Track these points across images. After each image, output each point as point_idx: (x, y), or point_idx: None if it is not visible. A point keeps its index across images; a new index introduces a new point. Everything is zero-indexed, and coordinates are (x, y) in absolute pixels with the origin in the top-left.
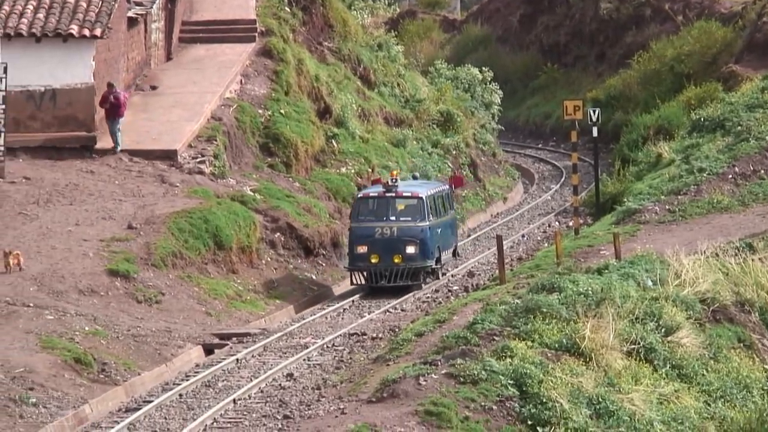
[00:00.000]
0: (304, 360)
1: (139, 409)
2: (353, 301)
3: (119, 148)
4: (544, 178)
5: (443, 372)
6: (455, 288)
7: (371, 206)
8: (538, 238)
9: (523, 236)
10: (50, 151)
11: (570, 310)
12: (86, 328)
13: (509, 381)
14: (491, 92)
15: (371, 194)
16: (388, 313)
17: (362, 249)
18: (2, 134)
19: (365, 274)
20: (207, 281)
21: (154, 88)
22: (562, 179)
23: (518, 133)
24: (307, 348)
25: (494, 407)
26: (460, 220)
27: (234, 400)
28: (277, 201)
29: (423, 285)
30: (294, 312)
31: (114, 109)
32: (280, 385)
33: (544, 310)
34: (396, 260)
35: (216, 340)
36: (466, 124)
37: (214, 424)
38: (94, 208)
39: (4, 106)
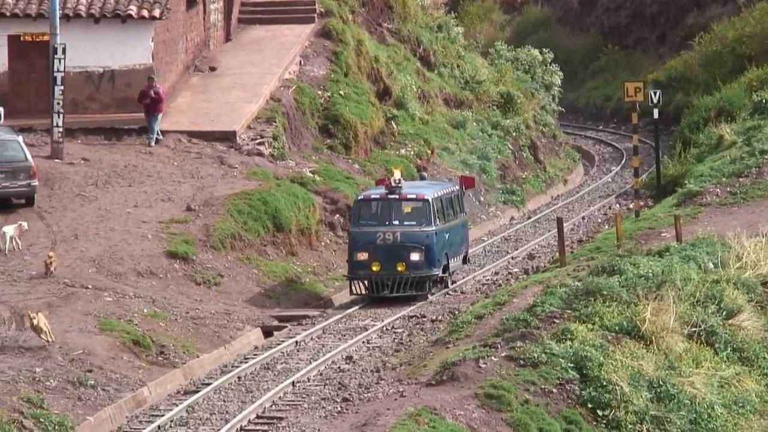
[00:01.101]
0: (363, 342)
1: (198, 391)
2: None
3: (153, 143)
4: (605, 160)
5: (503, 355)
6: (515, 270)
7: (373, 209)
8: (599, 220)
9: (583, 218)
10: (109, 132)
11: (630, 293)
12: (145, 310)
13: (569, 364)
14: (551, 74)
15: (373, 196)
16: (447, 296)
17: (363, 256)
18: (61, 115)
19: (366, 283)
20: (266, 263)
21: (213, 69)
22: (623, 161)
23: (578, 114)
24: (367, 330)
25: (554, 390)
26: (519, 202)
27: (293, 383)
28: (336, 182)
29: (429, 295)
30: (350, 294)
31: (154, 104)
32: (339, 367)
33: (605, 292)
34: (399, 268)
35: (275, 323)
36: (526, 106)
37: (273, 407)
38: (153, 189)
39: (62, 87)
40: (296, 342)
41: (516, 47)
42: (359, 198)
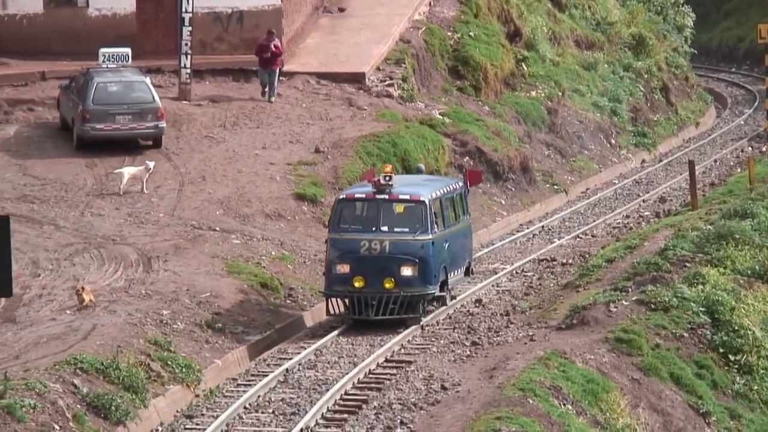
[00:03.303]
0: (492, 286)
1: (326, 335)
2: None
3: (273, 99)
4: (737, 102)
5: (634, 299)
6: (646, 214)
7: (357, 212)
8: (731, 163)
9: (715, 161)
10: (237, 73)
11: (763, 237)
12: (272, 253)
13: (701, 308)
14: (684, 15)
15: (357, 195)
16: (578, 239)
17: (343, 269)
18: (189, 56)
19: (346, 301)
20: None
21: (341, 10)
22: (756, 104)
23: (711, 56)
24: (496, 274)
25: (685, 335)
26: (650, 144)
27: (422, 327)
28: (465, 125)
29: (422, 318)
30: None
31: (273, 59)
32: (468, 311)
33: (737, 236)
34: (387, 285)
35: None
36: (658, 48)
37: (402, 350)
38: (281, 131)
39: (190, 28)
40: None
41: None
42: (340, 197)
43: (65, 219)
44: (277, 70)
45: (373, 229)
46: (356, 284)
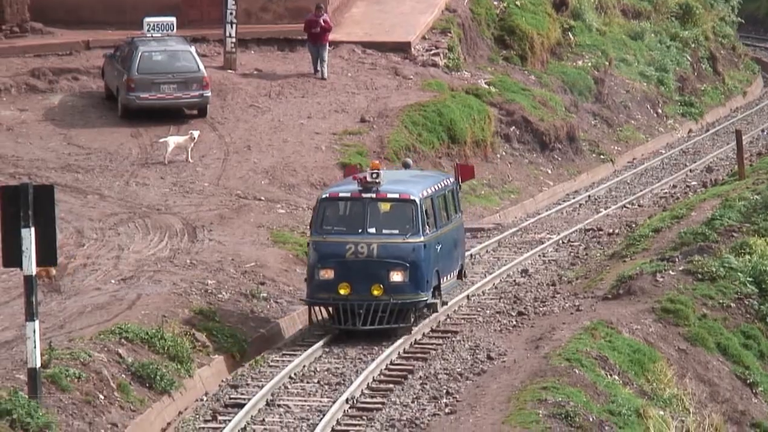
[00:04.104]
0: (539, 256)
1: None
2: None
3: (326, 74)
4: None
5: (680, 268)
6: (693, 183)
7: (341, 212)
8: None
9: (762, 131)
10: (282, 43)
11: None
12: None
13: (748, 278)
14: None
15: (341, 194)
16: (624, 209)
17: (327, 274)
18: (234, 26)
19: (330, 310)
20: None
21: None
22: None
23: (758, 26)
24: (543, 244)
25: (732, 305)
26: (697, 114)
27: (467, 296)
28: (512, 94)
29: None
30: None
31: (322, 34)
32: (514, 281)
33: None
34: (375, 292)
35: None
36: (705, 17)
37: (447, 320)
38: (327, 100)
39: None
40: (471, 255)
41: None
42: (323, 196)
43: (110, 188)
44: (327, 45)
45: (360, 230)
46: (341, 291)
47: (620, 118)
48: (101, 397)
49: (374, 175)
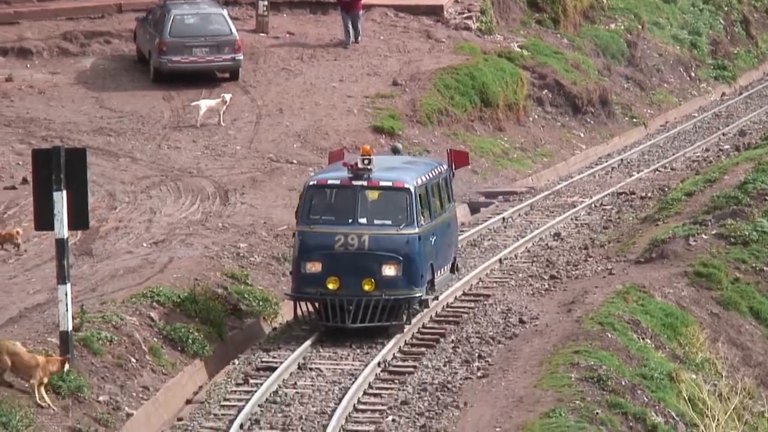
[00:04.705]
0: (571, 219)
1: None
2: (622, 159)
3: (352, 42)
4: None
5: (713, 232)
6: (726, 147)
7: (329, 201)
8: None
9: None
10: (314, 6)
11: None
12: None
13: None
14: None
15: (330, 181)
16: (657, 172)
17: (314, 267)
18: None
19: (317, 305)
20: (473, 138)
21: None
22: None
23: None
24: (575, 207)
25: (765, 269)
26: (730, 77)
27: (500, 260)
28: (544, 57)
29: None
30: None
31: (354, 2)
32: (546, 244)
33: None
34: (366, 287)
35: (482, 199)
36: None
37: (479, 283)
38: (359, 64)
39: None
40: (503, 218)
41: None
42: (310, 183)
43: (142, 152)
44: (360, 13)
45: (350, 221)
46: (330, 286)
47: (653, 81)
48: (133, 360)
49: (366, 161)
